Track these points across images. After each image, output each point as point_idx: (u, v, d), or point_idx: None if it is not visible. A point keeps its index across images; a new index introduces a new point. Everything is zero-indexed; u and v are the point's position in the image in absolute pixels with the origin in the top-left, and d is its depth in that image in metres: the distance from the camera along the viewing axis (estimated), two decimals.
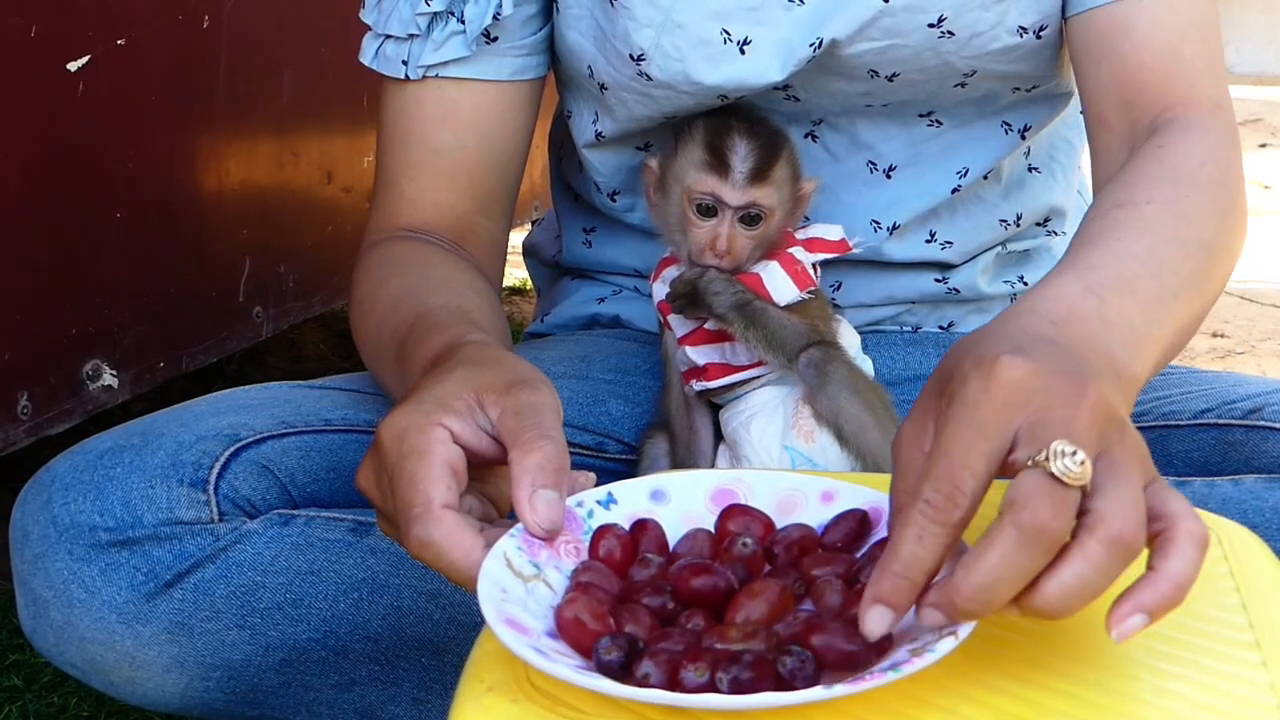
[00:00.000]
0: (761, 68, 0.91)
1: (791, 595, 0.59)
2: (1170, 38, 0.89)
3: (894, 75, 0.94)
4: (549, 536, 0.62)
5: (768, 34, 0.91)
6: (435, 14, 0.93)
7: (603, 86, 0.95)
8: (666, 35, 0.91)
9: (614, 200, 1.05)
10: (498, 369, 0.68)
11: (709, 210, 0.90)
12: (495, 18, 0.93)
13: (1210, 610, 0.61)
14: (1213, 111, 0.90)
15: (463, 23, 0.93)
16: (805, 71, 0.92)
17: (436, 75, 0.95)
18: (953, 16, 0.90)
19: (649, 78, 0.92)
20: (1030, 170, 1.04)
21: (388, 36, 0.96)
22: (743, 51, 0.91)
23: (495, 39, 0.94)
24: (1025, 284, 1.07)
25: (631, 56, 0.92)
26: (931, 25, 0.91)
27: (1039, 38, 0.93)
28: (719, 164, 0.89)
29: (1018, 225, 1.04)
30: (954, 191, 1.00)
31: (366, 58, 0.98)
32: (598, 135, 1.00)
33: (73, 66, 1.22)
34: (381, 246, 0.95)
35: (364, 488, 0.68)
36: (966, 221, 1.02)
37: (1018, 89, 0.97)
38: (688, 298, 0.90)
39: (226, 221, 1.48)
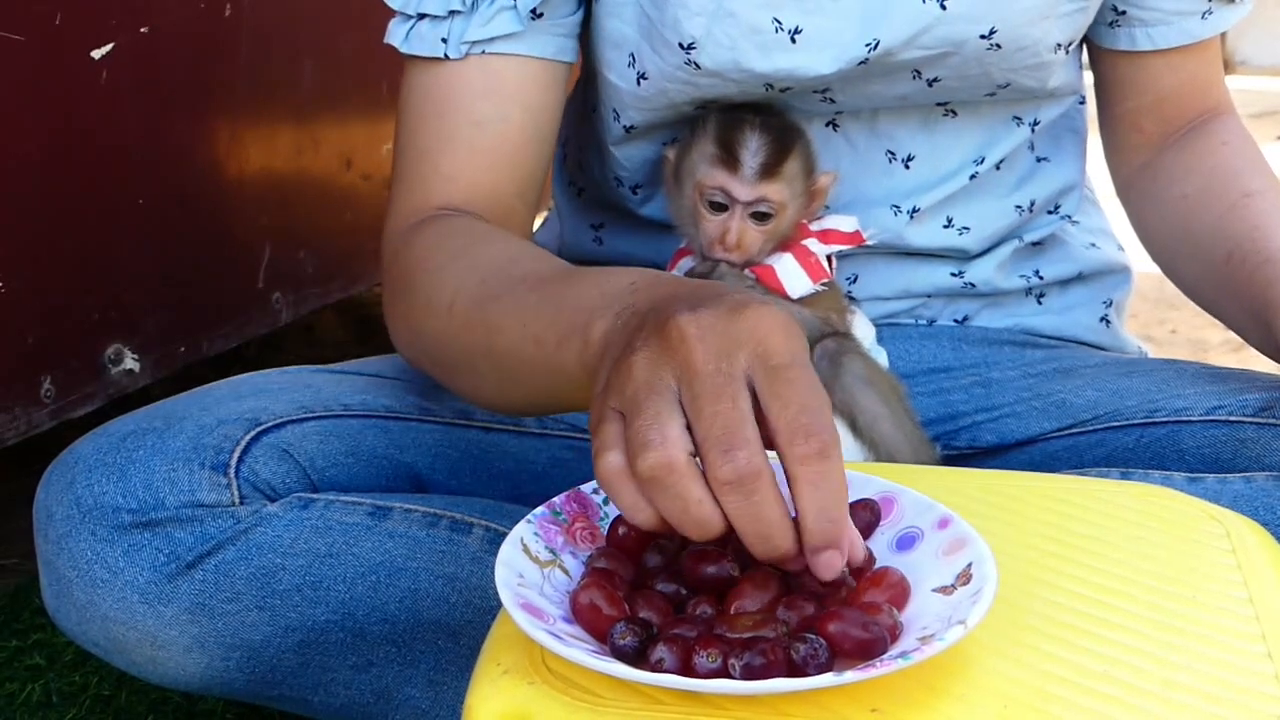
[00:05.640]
0: (812, 59, 0.92)
1: (788, 584, 0.60)
2: (1206, 56, 1.03)
3: (935, 80, 0.95)
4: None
5: (817, 24, 0.91)
6: None
7: (642, 76, 0.95)
8: (718, 23, 0.91)
9: (635, 194, 1.05)
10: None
11: (720, 205, 0.90)
12: None
13: (1217, 603, 0.62)
14: (1230, 107, 1.05)
15: None
16: (851, 73, 0.93)
17: (482, 51, 0.93)
18: (1003, 30, 0.92)
19: (698, 66, 0.92)
20: (1039, 160, 1.05)
21: (422, 16, 0.93)
22: (793, 41, 0.91)
23: (541, 15, 0.93)
24: (1041, 278, 1.07)
25: (681, 45, 0.92)
26: (983, 36, 0.92)
27: (1066, 53, 0.96)
28: (729, 159, 0.89)
29: (1031, 211, 1.05)
30: (971, 179, 1.01)
31: (396, 39, 0.95)
32: (627, 130, 1.00)
33: (96, 54, 1.23)
34: (432, 224, 0.90)
35: (646, 380, 0.59)
36: (982, 207, 1.03)
37: (1037, 95, 1.00)
38: None
39: (246, 208, 1.49)
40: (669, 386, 0.58)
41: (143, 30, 1.28)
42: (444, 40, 0.93)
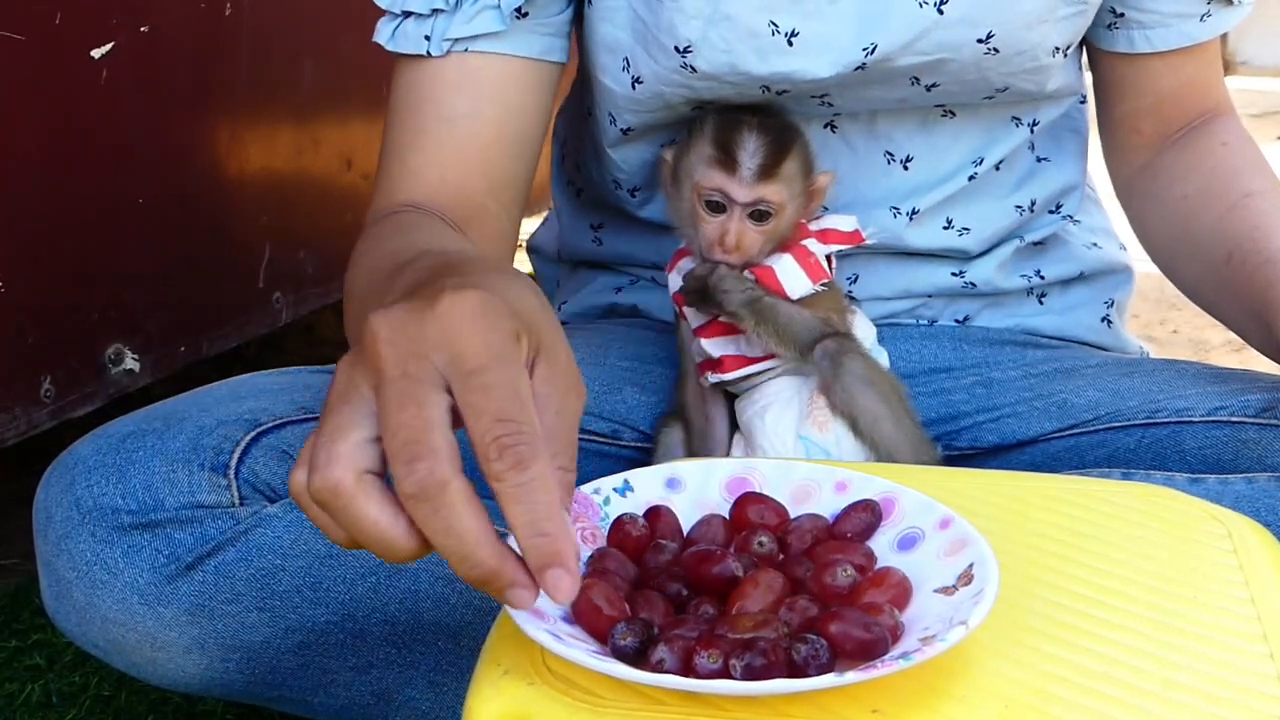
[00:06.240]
0: (809, 63, 0.92)
1: (791, 586, 0.60)
2: (1205, 58, 1.03)
3: (933, 85, 0.95)
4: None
5: (814, 28, 0.91)
6: None
7: (637, 80, 0.95)
8: (714, 27, 0.91)
9: (633, 196, 1.05)
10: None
11: (718, 206, 0.90)
12: None
13: (1218, 603, 0.62)
14: (1230, 108, 1.05)
15: None
16: (849, 78, 0.93)
17: (465, 50, 0.93)
18: (1000, 34, 0.92)
19: (694, 69, 0.92)
20: (1039, 160, 1.05)
21: (407, 14, 0.94)
22: (790, 44, 0.91)
23: (526, 15, 0.93)
24: (1042, 278, 1.07)
25: (677, 48, 0.92)
26: (980, 41, 0.92)
27: (1065, 56, 0.96)
28: (727, 160, 0.89)
29: (1032, 211, 1.05)
30: (970, 179, 1.01)
31: (383, 38, 0.95)
32: (624, 132, 1.00)
33: (96, 54, 1.23)
34: (380, 221, 0.91)
35: (341, 389, 0.56)
36: (982, 208, 1.03)
37: (1036, 98, 1.00)
38: (698, 294, 0.91)
39: (247, 208, 1.49)
40: (362, 395, 0.55)
41: (143, 30, 1.28)
42: (427, 38, 0.93)
